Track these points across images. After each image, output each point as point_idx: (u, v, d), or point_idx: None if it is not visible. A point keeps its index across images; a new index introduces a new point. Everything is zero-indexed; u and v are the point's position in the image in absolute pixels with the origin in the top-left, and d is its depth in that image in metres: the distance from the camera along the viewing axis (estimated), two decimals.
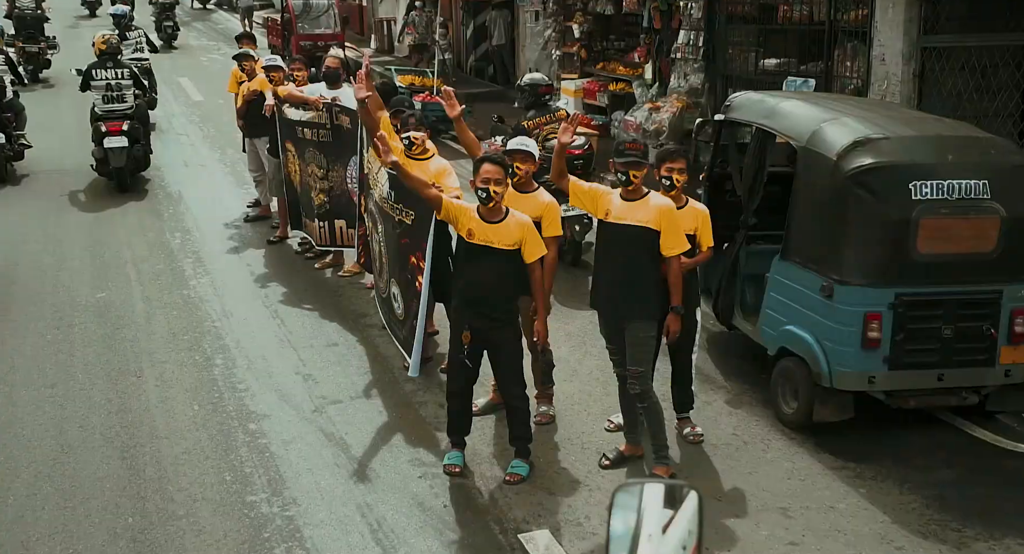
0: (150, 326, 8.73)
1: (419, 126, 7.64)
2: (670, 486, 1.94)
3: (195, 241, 11.16)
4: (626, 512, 1.91)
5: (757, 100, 7.71)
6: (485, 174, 5.87)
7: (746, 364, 7.72)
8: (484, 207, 5.96)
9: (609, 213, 6.12)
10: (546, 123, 9.91)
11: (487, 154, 6.03)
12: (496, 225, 5.95)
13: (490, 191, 5.86)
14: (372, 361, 8.03)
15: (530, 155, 6.71)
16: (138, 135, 13.10)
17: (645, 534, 1.85)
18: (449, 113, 6.88)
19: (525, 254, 5.96)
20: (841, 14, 11.38)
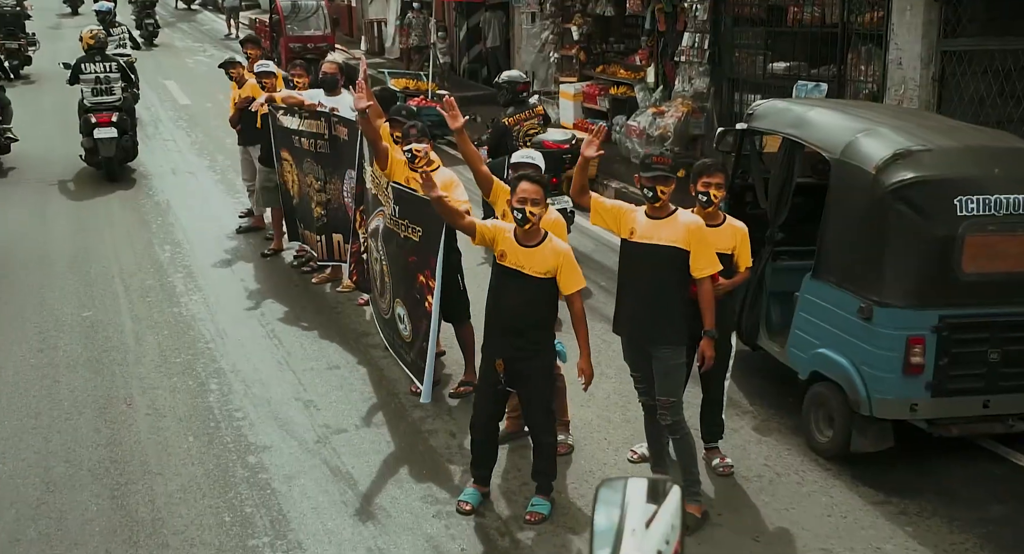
0: (140, 348, 8.27)
1: (421, 137, 7.21)
2: (653, 481, 1.96)
3: (185, 254, 10.69)
4: (609, 507, 1.92)
5: (782, 109, 7.31)
6: (522, 193, 5.45)
7: (772, 386, 7.32)
8: (520, 229, 5.54)
9: (634, 232, 5.71)
10: (525, 119, 10.14)
11: (526, 173, 5.60)
12: (530, 249, 5.53)
13: (526, 212, 5.45)
14: (376, 385, 7.60)
15: (537, 168, 6.30)
16: (126, 126, 13.52)
17: (629, 529, 1.87)
18: (451, 124, 6.44)
19: (562, 285, 5.55)
20: (855, 16, 11.02)
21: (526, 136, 10.16)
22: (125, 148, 13.61)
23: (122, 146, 13.48)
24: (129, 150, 13.79)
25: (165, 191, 13.28)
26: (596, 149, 5.74)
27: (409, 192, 7.22)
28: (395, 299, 7.60)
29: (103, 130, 13.20)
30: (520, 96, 10.34)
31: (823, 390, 6.39)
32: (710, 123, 13.32)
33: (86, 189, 13.37)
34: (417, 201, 7.11)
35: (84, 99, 13.47)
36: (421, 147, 7.18)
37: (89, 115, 13.28)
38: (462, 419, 7.00)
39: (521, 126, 10.11)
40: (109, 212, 12.30)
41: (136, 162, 14.75)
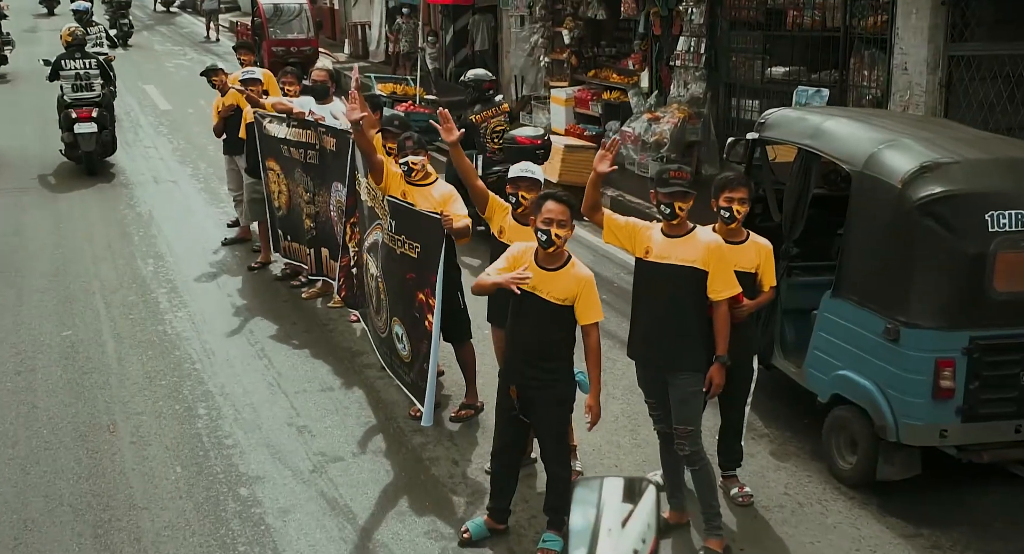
0: (123, 369, 7.89)
1: (418, 149, 6.88)
2: (629, 480, 1.95)
3: (169, 268, 10.30)
4: (585, 507, 1.92)
5: (796, 118, 7.01)
6: (548, 214, 5.09)
7: (787, 408, 7.02)
8: (543, 251, 5.19)
9: (650, 251, 5.40)
10: (492, 116, 10.66)
11: (553, 192, 5.25)
12: (551, 273, 5.18)
13: (551, 234, 5.09)
14: (373, 408, 7.25)
15: (537, 183, 5.97)
16: (105, 122, 13.93)
17: (605, 528, 1.87)
18: (445, 137, 6.08)
19: (578, 314, 5.20)
20: (858, 20, 10.74)
21: (493, 133, 10.55)
22: (104, 143, 14.02)
23: (101, 141, 13.89)
24: (108, 145, 14.21)
25: (147, 201, 12.87)
26: (609, 164, 5.41)
27: (406, 206, 6.88)
28: (392, 317, 7.26)
29: (83, 125, 13.54)
30: (487, 94, 10.88)
31: (845, 414, 6.08)
32: (707, 129, 13.05)
33: (64, 197, 12.95)
34: (415, 215, 6.78)
35: (64, 95, 13.79)
36: (418, 160, 6.86)
37: (69, 110, 13.58)
38: (464, 445, 6.68)
39: (488, 123, 10.48)
40: (89, 223, 11.89)
41: (117, 170, 14.40)
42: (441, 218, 6.45)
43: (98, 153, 14.01)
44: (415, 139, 6.90)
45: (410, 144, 6.84)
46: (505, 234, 6.00)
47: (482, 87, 10.87)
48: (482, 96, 10.81)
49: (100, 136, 13.80)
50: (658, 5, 13.08)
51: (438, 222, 6.49)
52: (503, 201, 6.11)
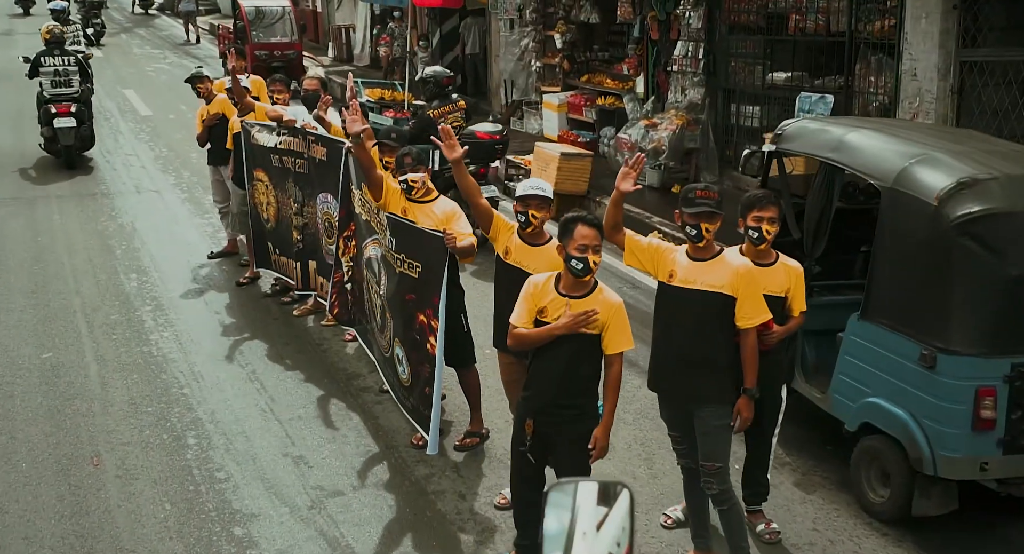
0: (107, 395, 7.48)
1: (417, 166, 6.51)
2: (604, 484, 1.96)
3: (154, 284, 9.89)
4: (560, 511, 1.92)
5: (817, 130, 6.68)
6: (583, 240, 4.72)
7: (809, 434, 6.68)
8: (573, 279, 4.82)
9: (674, 275, 5.05)
10: (449, 112, 10.95)
11: (581, 214, 4.89)
12: (577, 301, 4.82)
13: (589, 262, 4.72)
14: (373, 436, 6.87)
15: (548, 200, 5.61)
16: (84, 117, 14.35)
17: (580, 532, 1.87)
18: (448, 155, 5.69)
19: (607, 343, 4.83)
20: (863, 25, 10.44)
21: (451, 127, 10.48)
22: (83, 137, 14.44)
23: (80, 135, 14.31)
24: (87, 139, 14.63)
25: (129, 212, 12.43)
26: (633, 182, 5.06)
27: (406, 223, 6.52)
28: (395, 338, 6.90)
29: (63, 120, 13.97)
30: (445, 90, 11.28)
31: (877, 445, 5.75)
32: (705, 136, 12.73)
33: (42, 207, 12.50)
34: (416, 233, 6.42)
35: (43, 91, 14.23)
36: (418, 177, 6.50)
37: (49, 106, 14.02)
38: (471, 477, 6.33)
39: (445, 118, 10.62)
40: (69, 235, 11.45)
41: (97, 180, 14.00)
42: (444, 236, 6.10)
43: (76, 147, 14.41)
44: (414, 155, 6.53)
45: (409, 161, 6.47)
46: (511, 255, 5.64)
47: (441, 83, 11.27)
48: (441, 92, 11.19)
49: (79, 131, 14.19)
50: (655, 9, 12.74)
51: (440, 240, 6.14)
52: (508, 220, 5.75)
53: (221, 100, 10.13)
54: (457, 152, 5.63)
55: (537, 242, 5.54)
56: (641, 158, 5.18)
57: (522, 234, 5.59)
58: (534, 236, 5.54)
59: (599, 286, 4.91)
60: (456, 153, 5.63)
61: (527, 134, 16.36)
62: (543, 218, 5.50)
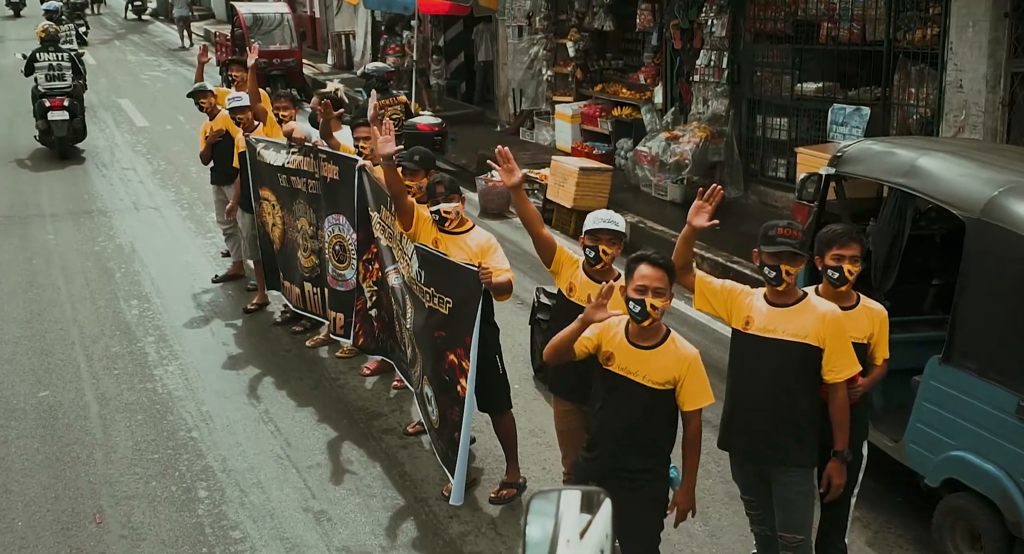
0: (109, 440, 6.92)
1: (451, 195, 5.96)
2: (587, 492, 1.98)
3: (156, 311, 9.31)
4: (543, 518, 1.93)
5: (882, 152, 6.14)
6: (642, 280, 4.21)
7: (876, 483, 6.09)
8: (636, 325, 4.30)
9: (751, 322, 4.52)
10: (389, 105, 11.47)
11: (647, 253, 4.35)
12: (646, 351, 4.29)
13: (646, 305, 4.20)
14: (400, 487, 6.31)
15: (620, 235, 5.07)
16: (76, 110, 15.23)
17: (563, 539, 1.87)
18: (506, 180, 5.14)
19: (684, 399, 4.31)
20: (903, 33, 9.91)
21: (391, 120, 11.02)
22: (76, 129, 15.33)
23: (73, 127, 15.18)
24: (79, 131, 15.52)
25: (127, 231, 11.86)
26: (708, 217, 4.53)
27: (437, 255, 5.98)
28: (424, 376, 6.36)
29: (56, 113, 14.85)
30: (386, 84, 12.00)
31: (965, 504, 5.21)
32: (730, 149, 12.20)
33: (36, 226, 11.92)
34: (448, 267, 5.89)
35: (38, 85, 15.09)
36: (451, 207, 5.95)
37: (43, 100, 14.86)
38: (510, 535, 5.78)
39: (386, 111, 11.05)
40: (64, 257, 10.88)
41: (94, 195, 13.46)
42: (479, 271, 5.55)
43: (69, 139, 15.32)
44: (447, 183, 5.98)
45: (441, 190, 5.93)
46: (576, 292, 5.09)
47: (383, 77, 12.00)
48: (382, 86, 11.78)
49: (71, 123, 15.08)
50: (678, 17, 12.21)
51: (475, 275, 5.60)
52: (573, 254, 5.21)
53: (225, 116, 9.58)
54: (515, 177, 5.07)
55: (606, 279, 5.00)
56: (719, 191, 4.62)
57: (589, 270, 5.03)
58: (602, 273, 5.00)
59: (671, 335, 4.38)
60: (515, 178, 5.07)
61: (538, 145, 15.81)
62: (614, 254, 4.97)
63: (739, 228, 11.12)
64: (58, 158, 15.33)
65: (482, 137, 16.83)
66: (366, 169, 7.40)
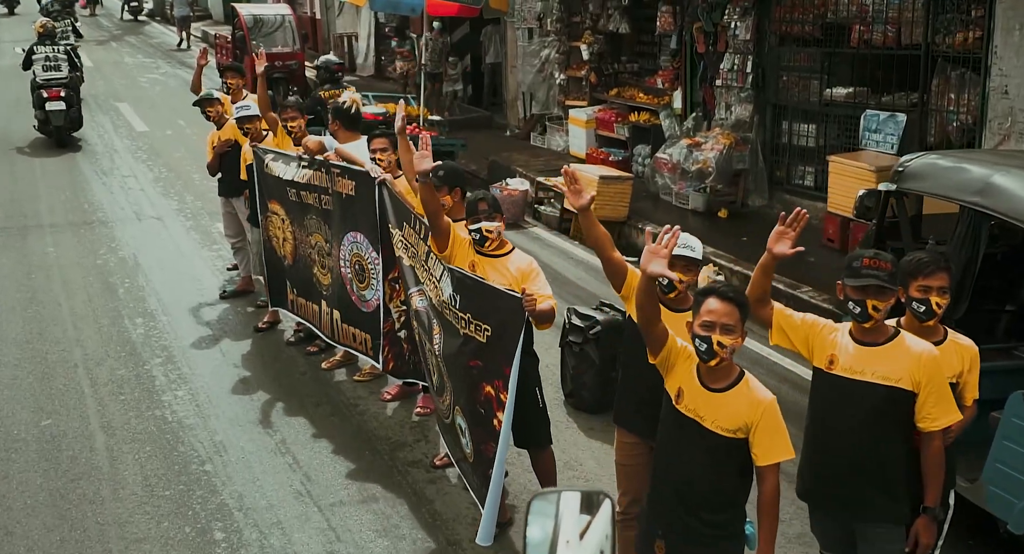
0: (117, 474, 6.48)
1: (493, 213, 5.53)
2: (586, 493, 1.97)
3: (162, 330, 8.87)
4: (543, 519, 1.93)
5: (951, 167, 5.72)
6: (709, 315, 3.81)
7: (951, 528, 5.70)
8: (703, 365, 3.90)
9: (835, 361, 4.09)
10: (338, 95, 11.47)
11: (716, 286, 3.93)
12: (716, 394, 3.89)
13: (713, 343, 3.80)
14: (430, 527, 5.88)
15: (696, 262, 4.65)
16: (73, 101, 16.09)
17: (563, 540, 1.87)
18: (573, 202, 4.69)
19: (757, 451, 3.88)
20: (943, 36, 9.50)
21: None
22: (72, 119, 16.17)
23: (70, 117, 16.01)
24: (75, 121, 16.34)
25: (130, 243, 11.40)
26: (791, 244, 4.10)
27: (475, 280, 5.54)
28: (455, 406, 5.92)
29: (54, 103, 15.68)
30: (335, 76, 12.96)
31: None
32: (755, 156, 11.78)
33: (35, 238, 11.46)
34: (488, 292, 5.44)
35: (36, 77, 15.94)
36: (493, 226, 5.52)
37: (41, 91, 15.70)
38: None
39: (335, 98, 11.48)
40: (65, 272, 10.42)
41: (95, 205, 13.00)
42: (523, 298, 5.11)
43: (66, 128, 16.13)
44: (490, 200, 5.55)
45: (484, 207, 5.49)
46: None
47: (332, 69, 12.98)
48: (332, 77, 12.80)
49: (68, 113, 15.87)
50: (702, 20, 11.78)
51: (518, 302, 5.16)
52: None
53: (232, 125, 9.14)
54: (584, 199, 4.62)
55: (680, 307, 4.58)
56: (804, 216, 4.18)
57: (662, 298, 4.60)
58: (677, 301, 4.58)
59: (745, 377, 3.95)
60: (583, 200, 4.62)
61: (551, 151, 15.37)
62: (689, 282, 4.55)
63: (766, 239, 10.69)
64: (55, 146, 16.08)
65: (492, 142, 16.41)
66: (387, 184, 6.97)
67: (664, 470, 4.09)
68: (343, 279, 7.63)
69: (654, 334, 4.10)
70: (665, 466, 4.08)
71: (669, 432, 4.04)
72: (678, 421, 3.97)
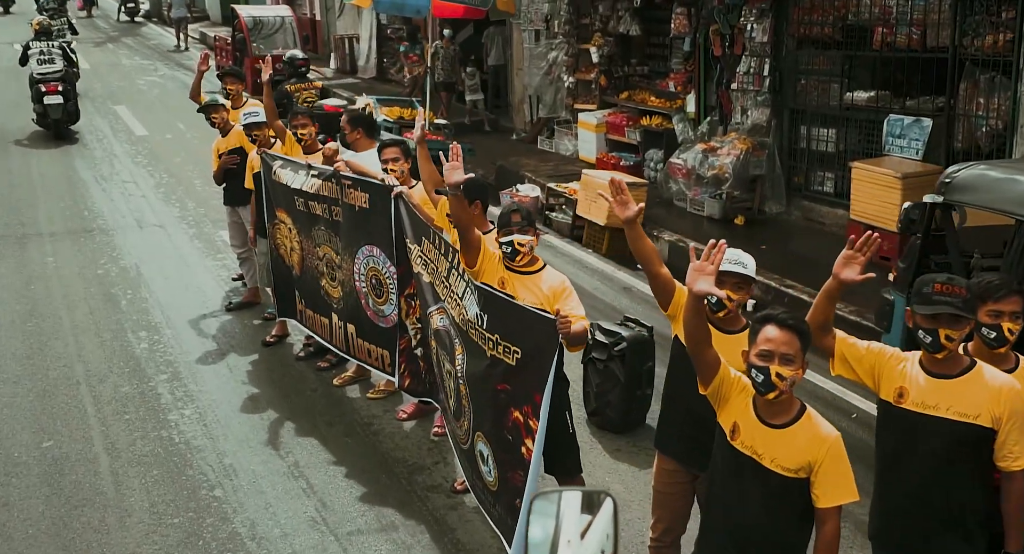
0: (123, 500, 6.17)
1: (526, 226, 5.24)
2: (587, 493, 1.99)
3: (167, 344, 8.56)
4: (545, 519, 1.94)
5: (1002, 178, 5.44)
6: (768, 345, 3.54)
7: None
8: (760, 398, 3.61)
9: (905, 394, 3.80)
10: (304, 89, 13.48)
11: (774, 313, 3.64)
12: (776, 431, 3.60)
13: (771, 374, 3.52)
14: None
15: (748, 280, 4.37)
16: (69, 95, 16.84)
17: (564, 540, 1.89)
18: (619, 214, 4.37)
19: (819, 492, 3.59)
20: (971, 39, 9.21)
21: (305, 102, 12.96)
22: (69, 112, 16.91)
23: (67, 110, 16.78)
24: (73, 114, 17.07)
25: (131, 252, 11.09)
26: (861, 270, 3.80)
27: (504, 299, 5.24)
28: (476, 432, 5.62)
29: (51, 97, 16.45)
30: (300, 70, 13.85)
31: None
32: (772, 162, 11.49)
33: (34, 249, 11.15)
34: (519, 313, 5.14)
35: (33, 72, 16.66)
36: (526, 240, 5.23)
37: (39, 85, 16.44)
38: None
39: (300, 94, 13.12)
40: (65, 282, 10.11)
41: (95, 212, 12.70)
42: (558, 320, 4.81)
43: (64, 121, 16.87)
44: (524, 213, 5.25)
45: (518, 219, 5.20)
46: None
47: (296, 64, 13.88)
48: (296, 72, 13.78)
49: (65, 106, 16.64)
50: (719, 22, 11.49)
51: (552, 324, 4.85)
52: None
53: (239, 132, 8.85)
54: (631, 210, 4.28)
55: (732, 329, 4.29)
56: (875, 239, 3.87)
57: (711, 317, 4.30)
58: (728, 321, 4.29)
59: (807, 412, 3.66)
60: (630, 211, 4.28)
61: (560, 156, 15.07)
62: (740, 300, 4.27)
63: (786, 247, 10.44)
64: (53, 139, 16.70)
65: (498, 146, 16.11)
66: (403, 197, 6.69)
67: (717, 512, 3.81)
68: (358, 293, 7.33)
69: (705, 361, 3.82)
70: (719, 508, 3.79)
71: (723, 471, 3.75)
72: (733, 459, 3.68)
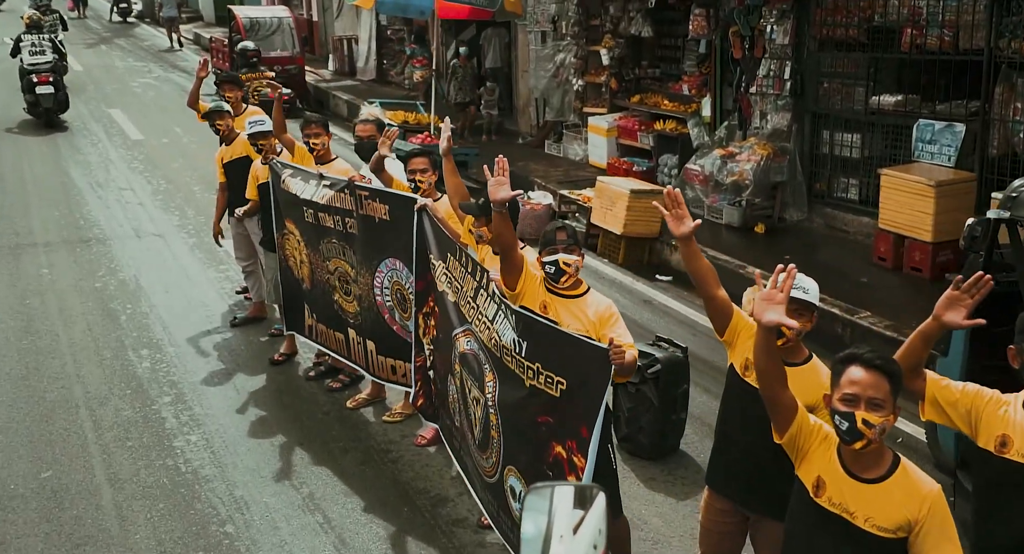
0: (128, 538, 5.77)
1: (572, 245, 4.85)
2: (580, 488, 1.98)
3: (170, 363, 8.16)
4: (537, 514, 1.93)
5: None
6: (853, 388, 3.18)
7: None
8: (846, 448, 3.24)
9: (1009, 443, 3.42)
10: (255, 79, 14.48)
11: (859, 351, 3.26)
12: (868, 486, 3.23)
13: (857, 421, 3.15)
14: None
15: (810, 307, 3.99)
16: (59, 85, 17.73)
17: (557, 534, 1.87)
18: (674, 229, 4.01)
19: (920, 550, 3.21)
20: (1007, 41, 8.85)
21: (255, 92, 13.70)
22: (60, 101, 17.77)
23: (57, 99, 17.64)
24: (63, 103, 17.94)
25: (130, 263, 10.67)
26: (966, 314, 3.41)
27: (548, 325, 4.84)
28: (507, 466, 5.22)
29: (43, 87, 17.31)
30: (251, 61, 15.34)
31: None
32: (793, 168, 11.12)
33: (29, 261, 10.72)
34: (564, 340, 4.74)
35: (24, 63, 17.59)
36: (572, 260, 4.83)
37: (31, 76, 17.27)
38: None
39: (252, 83, 13.70)
40: (62, 297, 9.69)
41: (91, 221, 12.27)
42: (610, 350, 4.41)
43: (55, 110, 17.75)
44: (569, 231, 4.86)
45: (563, 237, 4.81)
46: (752, 372, 3.99)
47: (247, 55, 15.62)
48: (247, 62, 15.30)
49: (56, 96, 17.54)
50: (738, 24, 11.11)
51: (603, 354, 4.45)
52: (752, 321, 4.09)
53: (244, 141, 8.44)
54: (687, 226, 3.97)
55: (794, 361, 3.91)
56: (987, 281, 3.47)
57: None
58: (789, 352, 3.91)
59: (902, 464, 3.28)
60: (686, 227, 3.97)
61: (569, 161, 14.68)
62: (801, 329, 3.88)
63: (811, 257, 10.06)
64: (44, 127, 17.53)
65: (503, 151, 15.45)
66: (427, 210, 6.29)
67: None
68: (380, 308, 6.94)
69: (780, 404, 3.44)
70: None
71: (807, 532, 3.37)
72: (820, 519, 3.30)
